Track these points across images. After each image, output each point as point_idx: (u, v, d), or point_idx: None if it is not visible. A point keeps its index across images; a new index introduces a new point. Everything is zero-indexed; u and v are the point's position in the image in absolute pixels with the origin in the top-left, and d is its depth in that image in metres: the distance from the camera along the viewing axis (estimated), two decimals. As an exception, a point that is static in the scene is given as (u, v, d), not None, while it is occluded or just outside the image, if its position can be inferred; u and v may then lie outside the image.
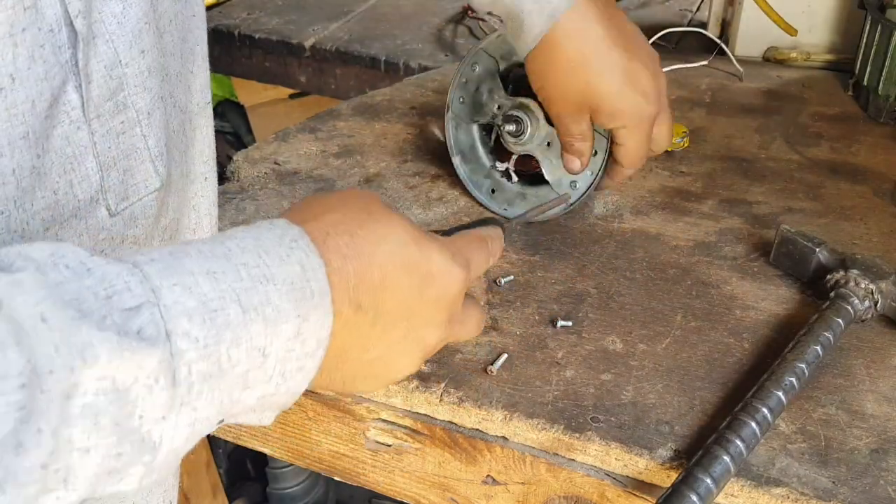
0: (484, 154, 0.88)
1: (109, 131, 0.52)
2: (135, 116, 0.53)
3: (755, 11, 1.20)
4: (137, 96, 0.53)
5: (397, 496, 0.71)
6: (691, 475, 0.54)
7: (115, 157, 0.53)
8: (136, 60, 0.52)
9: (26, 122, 0.46)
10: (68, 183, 0.50)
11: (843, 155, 1.00)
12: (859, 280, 0.69)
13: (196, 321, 0.39)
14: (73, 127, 0.49)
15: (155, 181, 0.56)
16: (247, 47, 1.48)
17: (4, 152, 0.46)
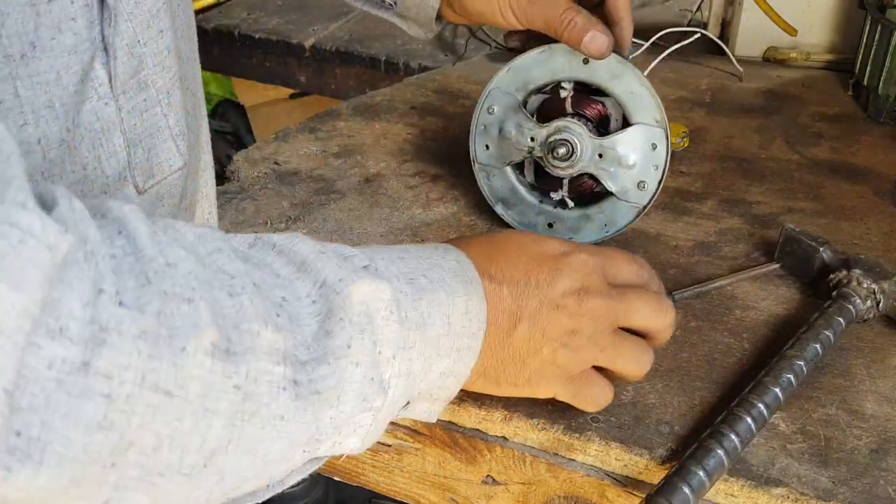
0: (527, 193, 0.82)
1: (134, 108, 0.53)
2: (155, 95, 0.54)
3: (755, 11, 1.20)
4: (157, 75, 0.54)
5: (397, 496, 0.71)
6: (684, 468, 0.54)
7: (140, 134, 0.54)
8: (154, 40, 0.53)
9: (50, 92, 0.47)
10: (97, 158, 0.51)
11: (843, 155, 1.00)
12: (862, 280, 0.70)
13: (403, 281, 0.48)
14: (101, 102, 0.50)
15: (177, 160, 0.58)
16: (247, 47, 1.48)
17: (28, 120, 0.47)
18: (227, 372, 0.37)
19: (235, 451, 0.39)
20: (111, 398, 0.33)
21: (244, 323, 0.39)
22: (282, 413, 0.40)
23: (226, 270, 0.40)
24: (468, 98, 1.13)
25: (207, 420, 0.37)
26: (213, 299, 0.38)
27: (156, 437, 0.35)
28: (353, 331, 0.44)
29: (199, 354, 0.36)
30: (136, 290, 0.34)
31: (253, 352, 0.39)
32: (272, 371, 0.40)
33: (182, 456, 0.36)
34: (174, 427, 0.35)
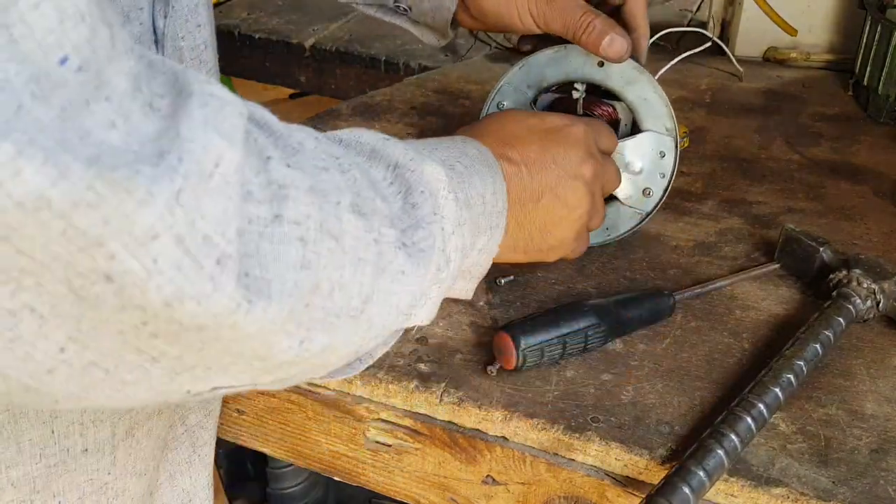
0: None
1: None
2: None
3: (755, 11, 1.20)
4: (195, 69, 0.56)
5: (397, 496, 0.71)
6: (684, 468, 0.54)
7: None
8: (192, 34, 0.55)
9: None
10: None
11: (843, 155, 1.00)
12: (862, 280, 0.70)
13: (445, 169, 0.52)
14: None
15: None
16: (247, 47, 1.48)
17: None
18: (366, 227, 0.43)
19: (378, 302, 0.44)
20: (305, 241, 0.38)
21: (363, 191, 0.44)
22: (403, 268, 0.46)
23: (331, 153, 0.44)
24: (468, 98, 1.13)
25: (361, 268, 0.42)
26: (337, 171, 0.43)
27: (330, 283, 0.40)
28: (434, 198, 0.50)
29: (345, 214, 0.41)
30: (293, 157, 0.39)
31: (374, 214, 0.44)
32: (388, 233, 0.45)
33: (348, 300, 0.42)
34: (340, 275, 0.41)
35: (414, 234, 0.47)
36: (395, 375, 0.66)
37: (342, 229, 0.40)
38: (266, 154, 0.37)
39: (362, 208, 0.43)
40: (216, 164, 0.33)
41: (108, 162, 0.30)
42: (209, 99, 0.34)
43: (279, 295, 0.36)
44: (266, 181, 0.36)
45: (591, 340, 0.66)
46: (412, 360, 0.67)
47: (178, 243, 0.32)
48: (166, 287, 0.32)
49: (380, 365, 0.67)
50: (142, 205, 0.30)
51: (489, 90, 0.79)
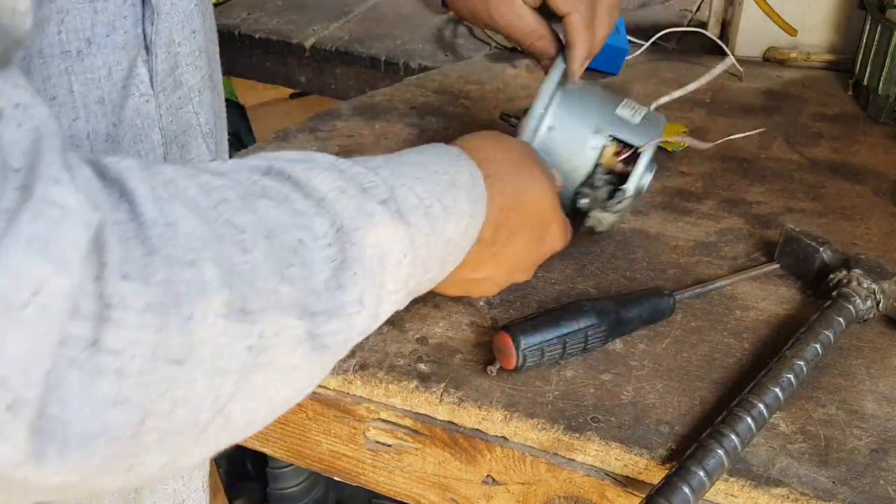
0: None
1: (171, 106, 0.55)
2: (188, 94, 0.56)
3: (755, 11, 1.20)
4: (189, 74, 0.56)
5: (397, 496, 0.71)
6: (684, 468, 0.54)
7: (174, 131, 0.56)
8: (187, 40, 0.55)
9: (101, 88, 0.49)
10: (137, 153, 0.53)
11: (843, 155, 1.00)
12: (862, 280, 0.70)
13: (419, 214, 0.49)
14: (142, 99, 0.52)
15: (207, 157, 0.59)
16: (247, 47, 1.47)
17: (80, 115, 0.48)
18: (240, 333, 0.36)
19: (244, 400, 0.39)
20: (123, 374, 0.32)
21: (259, 280, 0.38)
22: (295, 364, 0.40)
23: (235, 224, 0.38)
24: (468, 98, 1.13)
25: (220, 379, 0.36)
26: (223, 257, 0.36)
27: (171, 402, 0.35)
28: (366, 282, 0.44)
29: (209, 318, 0.35)
30: (141, 260, 0.33)
31: (271, 309, 0.38)
32: (294, 325, 0.39)
33: (196, 414, 0.36)
34: (187, 389, 0.35)
35: (326, 324, 0.42)
36: (395, 375, 0.66)
37: (193, 344, 0.34)
38: (104, 258, 0.32)
39: (250, 305, 0.37)
40: (34, 293, 0.29)
41: None
42: (45, 209, 0.30)
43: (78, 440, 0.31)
44: (98, 293, 0.31)
45: (591, 340, 0.66)
46: (412, 360, 0.67)
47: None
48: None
49: (380, 365, 0.67)
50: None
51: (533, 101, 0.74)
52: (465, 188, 0.54)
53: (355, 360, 0.67)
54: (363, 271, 0.44)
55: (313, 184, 0.43)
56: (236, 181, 0.41)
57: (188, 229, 0.35)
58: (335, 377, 0.67)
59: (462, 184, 0.54)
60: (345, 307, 0.42)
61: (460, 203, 0.53)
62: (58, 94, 0.47)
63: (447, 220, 0.51)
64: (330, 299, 0.42)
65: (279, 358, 0.39)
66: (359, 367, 0.67)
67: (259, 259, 0.38)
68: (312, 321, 0.40)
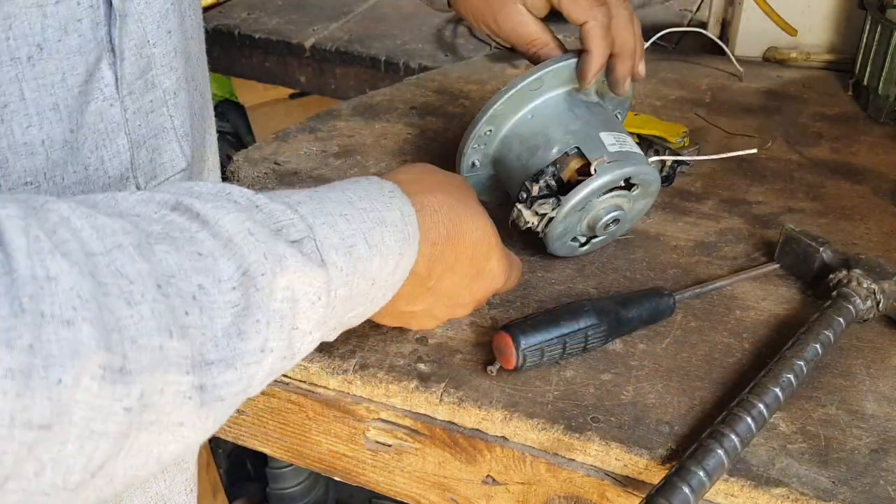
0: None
1: (140, 109, 0.53)
2: (162, 96, 0.55)
3: (755, 11, 1.20)
4: (164, 76, 0.54)
5: (397, 496, 0.71)
6: (684, 468, 0.54)
7: (144, 135, 0.54)
8: (163, 40, 0.53)
9: (55, 94, 0.47)
10: (100, 159, 0.51)
11: (843, 155, 1.00)
12: (862, 280, 0.70)
13: (340, 254, 0.47)
14: (106, 103, 0.50)
15: (181, 161, 0.58)
16: (247, 47, 1.47)
17: (33, 122, 0.47)
18: (116, 395, 0.34)
19: (126, 457, 0.37)
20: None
21: (143, 337, 0.36)
22: (182, 420, 0.38)
23: (125, 273, 0.36)
24: (468, 98, 1.13)
25: (94, 442, 0.34)
26: (104, 314, 0.34)
27: (37, 463, 0.33)
28: (272, 329, 0.42)
29: (83, 381, 0.33)
30: (6, 321, 0.31)
31: (154, 368, 0.36)
32: (179, 381, 0.37)
33: (66, 476, 0.34)
34: (57, 451, 0.33)
35: (220, 375, 0.40)
36: (395, 375, 0.66)
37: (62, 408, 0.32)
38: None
39: (129, 364, 0.35)
40: None
41: None
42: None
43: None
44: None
45: (591, 340, 0.66)
46: (412, 360, 0.67)
47: None
48: None
49: (380, 365, 0.67)
50: None
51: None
52: (394, 226, 0.52)
53: (355, 360, 0.67)
54: (268, 317, 0.42)
55: (221, 223, 0.41)
56: (136, 222, 0.39)
57: (68, 285, 0.33)
58: (335, 377, 0.67)
59: (391, 221, 0.52)
60: (243, 356, 0.40)
61: (388, 242, 0.51)
62: (9, 101, 0.45)
63: (372, 259, 0.50)
64: (228, 348, 0.40)
65: (164, 416, 0.37)
66: (359, 367, 0.67)
67: (145, 313, 0.36)
68: (206, 372, 0.39)
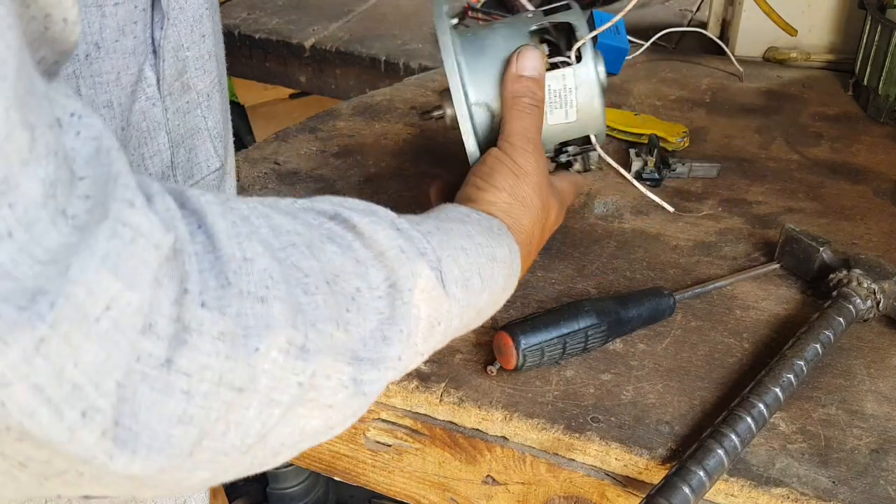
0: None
1: (178, 110, 0.55)
2: (196, 98, 0.56)
3: (755, 11, 1.20)
4: (198, 79, 0.56)
5: (397, 496, 0.71)
6: (684, 468, 0.54)
7: (182, 135, 0.56)
8: (196, 44, 0.55)
9: (110, 92, 0.49)
10: (141, 156, 0.53)
11: (843, 155, 1.00)
12: (862, 280, 0.70)
13: (459, 287, 0.51)
14: (149, 103, 0.52)
15: (215, 161, 0.59)
16: (247, 47, 1.47)
17: None
18: (295, 370, 0.38)
19: (282, 428, 0.40)
20: (190, 395, 0.34)
21: (320, 322, 0.40)
22: (332, 403, 0.42)
23: (300, 267, 0.40)
24: (468, 98, 1.13)
25: (269, 409, 0.38)
26: (290, 296, 0.39)
27: (226, 425, 0.36)
28: (407, 342, 0.46)
29: (272, 353, 0.37)
30: (217, 291, 0.35)
31: (326, 351, 0.40)
32: (342, 370, 0.41)
33: (243, 438, 0.38)
34: (242, 415, 0.37)
35: (367, 373, 0.43)
36: (395, 375, 0.66)
37: (254, 375, 0.36)
38: (185, 285, 0.34)
39: (310, 344, 0.39)
40: (106, 307, 0.31)
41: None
42: (120, 230, 0.31)
43: (147, 451, 0.33)
44: (175, 316, 0.33)
45: (592, 340, 0.66)
46: (412, 360, 0.67)
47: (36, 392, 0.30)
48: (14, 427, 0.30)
49: (380, 365, 0.67)
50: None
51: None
52: (503, 262, 0.57)
53: (355, 360, 0.67)
54: (407, 330, 0.46)
55: (375, 237, 0.46)
56: (305, 225, 0.43)
57: (262, 266, 0.37)
58: (335, 377, 0.67)
59: (501, 257, 0.56)
60: (385, 360, 0.44)
61: (496, 278, 0.56)
62: None
63: (482, 293, 0.54)
64: (374, 349, 0.44)
65: (323, 397, 0.41)
66: (359, 367, 0.67)
67: (320, 303, 0.40)
68: (358, 367, 0.43)
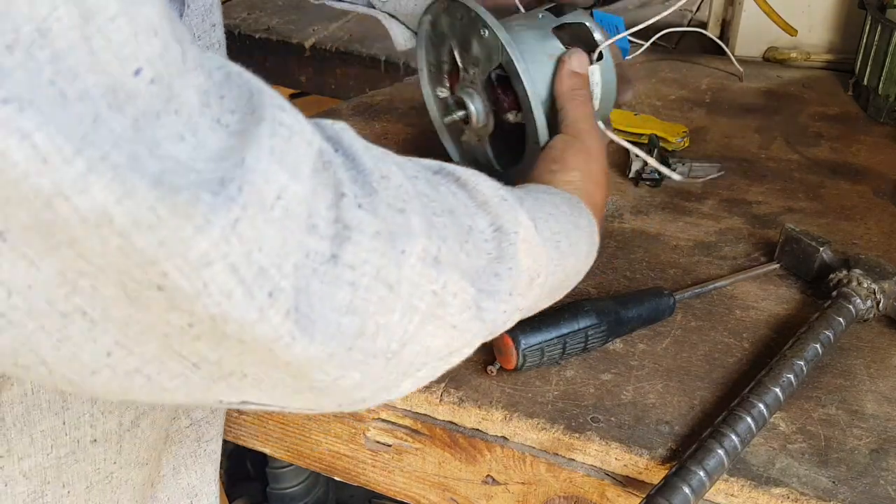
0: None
1: None
2: None
3: (755, 11, 1.20)
4: None
5: (397, 496, 0.71)
6: (684, 468, 0.54)
7: None
8: (207, 33, 0.55)
9: None
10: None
11: (843, 155, 1.00)
12: (862, 280, 0.70)
13: (550, 247, 0.53)
14: None
15: None
16: (247, 47, 1.47)
17: None
18: (430, 278, 0.41)
19: (415, 342, 0.43)
20: (355, 286, 0.37)
21: (450, 239, 0.43)
22: (456, 324, 0.44)
23: (426, 194, 0.44)
24: (468, 98, 1.13)
25: (409, 315, 0.41)
26: (424, 211, 0.42)
27: (376, 326, 0.39)
28: (515, 281, 0.48)
29: (412, 258, 0.40)
30: (368, 198, 0.38)
31: (454, 267, 0.43)
32: (467, 290, 0.44)
33: (388, 343, 0.40)
34: (388, 318, 0.39)
35: (485, 300, 0.46)
36: (395, 375, 0.66)
37: (400, 276, 0.39)
38: (341, 190, 0.37)
39: (442, 257, 0.42)
40: (278, 196, 0.33)
41: (172, 183, 0.30)
42: (278, 128, 0.34)
43: (322, 336, 0.36)
44: (333, 218, 0.36)
45: (592, 340, 0.66)
46: (412, 360, 0.67)
47: (233, 272, 0.32)
48: (213, 308, 0.33)
49: (380, 365, 0.67)
50: (198, 231, 0.31)
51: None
52: (584, 232, 0.59)
53: (355, 360, 0.67)
54: (516, 269, 0.48)
55: (479, 188, 0.49)
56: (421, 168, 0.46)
57: (398, 182, 0.41)
58: (335, 377, 0.67)
59: (583, 227, 0.59)
60: (498, 293, 0.47)
61: (580, 244, 0.58)
62: None
63: (569, 257, 0.56)
64: (488, 282, 0.46)
65: (449, 315, 0.44)
66: (359, 367, 0.67)
67: (448, 223, 0.44)
68: (479, 293, 0.45)
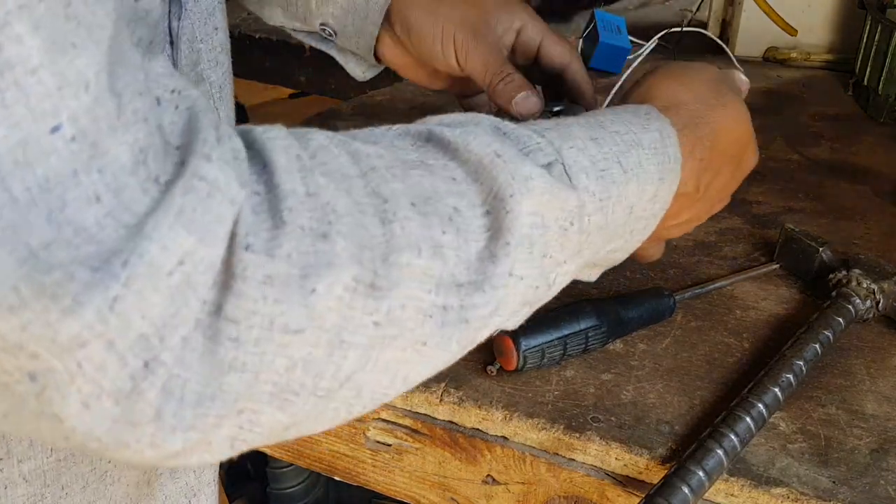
0: None
1: None
2: (209, 89, 0.57)
3: (755, 11, 1.20)
4: (211, 70, 0.57)
5: (397, 496, 0.71)
6: (684, 467, 0.54)
7: None
8: (209, 36, 0.56)
9: None
10: None
11: (843, 155, 1.00)
12: (861, 280, 0.70)
13: (592, 178, 0.46)
14: None
15: None
16: (247, 47, 1.48)
17: None
18: (367, 309, 0.36)
19: (374, 371, 0.38)
20: (239, 342, 0.33)
21: (393, 254, 0.37)
22: (424, 340, 0.39)
23: (380, 193, 0.38)
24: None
25: (343, 351, 0.36)
26: (358, 231, 0.36)
27: (289, 360, 0.35)
28: (519, 253, 0.42)
29: (335, 291, 0.35)
30: (268, 233, 0.34)
31: (400, 284, 0.38)
32: (421, 298, 0.39)
33: (316, 381, 0.36)
34: (308, 352, 0.35)
35: (468, 297, 0.40)
36: (395, 375, 0.66)
37: (314, 315, 0.35)
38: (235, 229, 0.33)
39: (379, 281, 0.37)
40: (180, 262, 0.31)
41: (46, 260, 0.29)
42: (195, 184, 0.32)
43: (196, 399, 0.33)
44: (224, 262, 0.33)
45: (592, 341, 0.66)
46: (412, 360, 0.67)
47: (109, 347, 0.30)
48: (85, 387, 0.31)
49: (380, 365, 0.67)
50: (66, 314, 0.29)
51: None
52: (652, 148, 0.50)
53: (355, 360, 0.67)
54: (516, 241, 0.42)
55: (469, 147, 0.42)
56: (389, 147, 0.41)
57: (326, 200, 0.36)
58: (335, 377, 0.67)
59: (649, 143, 0.50)
60: (491, 279, 0.41)
61: (645, 165, 0.49)
62: None
63: (628, 184, 0.48)
64: (479, 271, 0.41)
65: (407, 332, 0.39)
66: (359, 367, 0.67)
67: (397, 232, 0.38)
68: (452, 293, 0.40)
